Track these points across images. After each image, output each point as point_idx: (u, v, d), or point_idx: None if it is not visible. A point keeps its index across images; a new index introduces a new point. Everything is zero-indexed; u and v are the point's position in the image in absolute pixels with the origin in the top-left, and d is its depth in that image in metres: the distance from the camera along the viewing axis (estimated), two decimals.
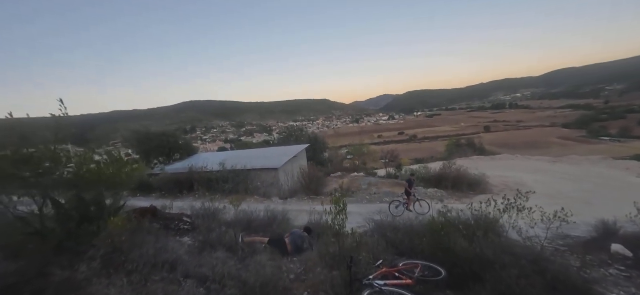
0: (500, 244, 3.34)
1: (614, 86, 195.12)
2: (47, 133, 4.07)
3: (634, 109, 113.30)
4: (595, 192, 14.16)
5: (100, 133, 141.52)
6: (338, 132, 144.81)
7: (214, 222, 6.30)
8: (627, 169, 19.40)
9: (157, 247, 4.07)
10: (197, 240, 5.31)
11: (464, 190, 14.55)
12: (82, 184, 3.94)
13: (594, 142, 77.36)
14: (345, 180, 18.87)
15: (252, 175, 14.11)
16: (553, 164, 23.06)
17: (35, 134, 4.12)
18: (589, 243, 5.85)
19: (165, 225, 5.92)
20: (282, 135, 42.99)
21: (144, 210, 5.93)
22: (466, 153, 34.48)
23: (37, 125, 4.54)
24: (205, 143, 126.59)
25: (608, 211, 7.30)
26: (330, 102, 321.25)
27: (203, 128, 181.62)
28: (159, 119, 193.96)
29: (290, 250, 5.08)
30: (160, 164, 19.42)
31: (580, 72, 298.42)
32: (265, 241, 5.28)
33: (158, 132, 22.19)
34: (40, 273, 3.49)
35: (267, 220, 6.85)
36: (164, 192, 13.82)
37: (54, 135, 3.84)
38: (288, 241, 5.24)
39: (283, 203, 12.03)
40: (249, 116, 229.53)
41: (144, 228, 4.73)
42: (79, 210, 4.00)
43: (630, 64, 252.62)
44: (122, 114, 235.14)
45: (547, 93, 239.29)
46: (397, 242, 4.04)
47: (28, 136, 3.97)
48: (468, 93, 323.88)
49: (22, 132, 3.67)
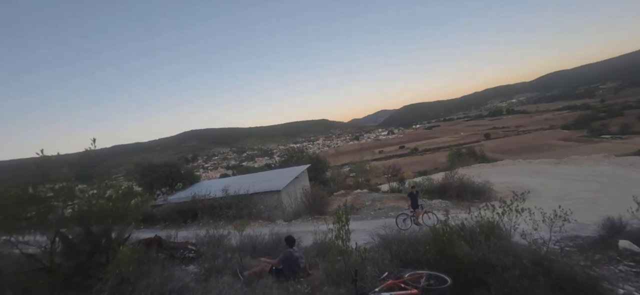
0: (502, 247, 3.36)
1: (608, 84, 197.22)
2: (66, 170, 4.24)
3: (630, 105, 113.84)
4: (602, 191, 14.04)
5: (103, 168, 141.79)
6: (339, 151, 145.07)
7: (219, 248, 6.30)
8: (630, 165, 19.29)
9: (163, 276, 4.08)
10: (202, 268, 5.31)
11: (468, 198, 14.46)
12: (92, 217, 4.04)
13: (596, 140, 77.10)
14: (349, 197, 18.79)
15: (255, 199, 14.11)
16: (556, 165, 22.97)
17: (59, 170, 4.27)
18: (597, 242, 5.79)
19: (170, 254, 5.92)
20: (283, 158, 43.12)
21: (149, 240, 5.96)
22: (468, 162, 34.37)
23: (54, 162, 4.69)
24: (207, 171, 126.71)
25: (615, 209, 7.26)
26: (329, 122, 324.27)
27: (204, 156, 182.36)
28: (161, 150, 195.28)
29: (286, 273, 5.01)
30: (162, 195, 19.43)
31: (572, 73, 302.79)
32: (266, 268, 5.20)
33: (160, 163, 22.36)
34: None
35: (272, 243, 6.84)
36: (168, 222, 13.77)
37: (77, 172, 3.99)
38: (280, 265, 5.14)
39: (287, 225, 11.96)
40: (249, 141, 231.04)
41: (150, 258, 4.75)
42: (88, 243, 4.06)
43: (622, 61, 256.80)
44: (124, 148, 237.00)
45: (542, 96, 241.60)
46: (402, 254, 4.05)
47: (49, 174, 4.12)
48: (464, 102, 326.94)
49: (44, 171, 3.82)
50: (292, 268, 5.08)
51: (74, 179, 4.31)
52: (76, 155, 4.49)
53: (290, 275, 4.98)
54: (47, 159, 4.13)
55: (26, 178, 4.21)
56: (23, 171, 4.22)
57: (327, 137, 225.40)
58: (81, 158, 3.85)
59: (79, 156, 3.85)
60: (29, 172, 4.35)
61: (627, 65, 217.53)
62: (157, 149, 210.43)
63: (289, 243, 5.44)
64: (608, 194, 13.25)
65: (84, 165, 3.89)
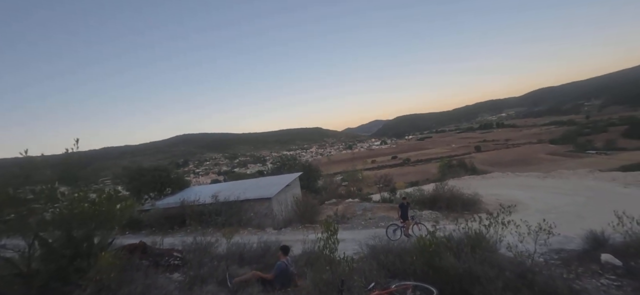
0: (487, 258, 3.40)
1: (592, 101, 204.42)
2: (49, 172, 4.11)
3: (614, 122, 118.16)
4: (586, 205, 14.39)
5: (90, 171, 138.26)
6: (332, 159, 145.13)
7: (206, 256, 6.16)
8: (613, 180, 19.89)
9: (146, 284, 3.97)
10: (187, 276, 5.17)
11: (458, 210, 14.59)
12: (74, 221, 3.91)
13: (581, 155, 79.38)
14: (340, 206, 18.74)
15: (245, 206, 13.93)
16: (543, 179, 23.48)
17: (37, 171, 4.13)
18: (580, 255, 5.91)
19: (154, 261, 5.76)
20: (275, 165, 42.89)
21: (133, 246, 5.80)
22: (458, 173, 34.90)
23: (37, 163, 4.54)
24: (197, 176, 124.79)
25: (599, 223, 7.44)
26: (323, 130, 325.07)
27: (196, 161, 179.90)
28: (152, 154, 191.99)
29: (276, 285, 4.93)
30: (150, 199, 19.01)
31: (559, 90, 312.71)
32: (256, 275, 5.10)
33: (150, 167, 21.95)
34: None
35: (260, 251, 6.73)
36: (154, 228, 13.44)
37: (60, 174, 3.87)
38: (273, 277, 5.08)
39: (277, 233, 11.82)
40: (242, 147, 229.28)
41: (133, 265, 4.62)
42: (69, 247, 3.93)
43: (605, 80, 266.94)
44: (113, 150, 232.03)
45: (530, 111, 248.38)
46: (389, 264, 4.05)
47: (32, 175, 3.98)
48: (456, 115, 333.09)
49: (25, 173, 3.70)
50: (283, 281, 5.00)
51: (57, 181, 4.19)
52: (62, 157, 4.37)
53: (279, 287, 4.90)
54: (29, 159, 4.02)
55: (6, 179, 4.08)
56: (3, 171, 4.06)
57: (320, 145, 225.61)
58: (64, 159, 3.74)
59: (62, 157, 3.74)
60: (9, 173, 4.21)
61: (611, 84, 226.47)
62: (148, 152, 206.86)
63: (284, 252, 5.37)
64: (592, 208, 13.59)
65: (68, 167, 3.78)
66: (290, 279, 5.03)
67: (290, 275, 5.04)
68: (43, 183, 3.71)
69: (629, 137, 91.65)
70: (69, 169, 3.79)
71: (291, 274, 5.07)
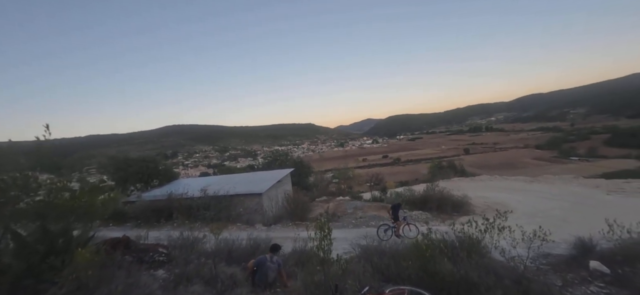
0: (484, 264, 3.34)
1: (577, 110, 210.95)
2: (21, 160, 3.81)
3: (597, 130, 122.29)
4: (571, 210, 14.72)
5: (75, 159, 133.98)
6: (323, 156, 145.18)
7: (192, 252, 5.96)
8: (596, 187, 20.46)
9: (127, 282, 3.75)
10: (172, 273, 4.97)
11: (448, 211, 14.73)
12: (50, 213, 3.64)
13: (565, 161, 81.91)
14: (331, 204, 18.67)
15: (235, 201, 13.68)
16: (530, 183, 23.97)
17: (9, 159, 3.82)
18: (568, 261, 5.98)
19: (138, 257, 5.51)
20: (266, 160, 42.51)
21: (115, 241, 5.53)
22: (448, 175, 35.38)
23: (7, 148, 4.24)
24: (186, 168, 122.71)
25: (585, 228, 7.57)
26: (316, 127, 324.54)
27: (185, 153, 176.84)
28: (140, 144, 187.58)
29: (257, 281, 4.80)
30: (137, 191, 18.49)
31: (547, 97, 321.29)
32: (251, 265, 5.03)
33: (137, 157, 21.33)
34: None
35: (249, 249, 6.57)
36: (140, 220, 13.05)
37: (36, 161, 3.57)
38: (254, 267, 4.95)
39: (267, 230, 11.65)
40: (233, 141, 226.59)
41: (115, 261, 4.38)
42: (44, 242, 3.66)
43: (590, 89, 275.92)
44: (99, 139, 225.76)
45: (518, 117, 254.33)
46: (384, 267, 3.95)
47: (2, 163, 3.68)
48: (446, 117, 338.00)
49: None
50: (261, 276, 4.88)
51: (38, 169, 3.89)
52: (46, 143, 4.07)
53: (261, 283, 4.76)
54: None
55: None
56: None
57: (312, 141, 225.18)
58: (36, 147, 3.46)
59: (34, 145, 3.45)
60: None
61: (595, 94, 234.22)
62: (136, 142, 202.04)
63: (272, 250, 5.24)
64: (577, 213, 13.91)
65: (40, 155, 3.49)
66: (266, 274, 4.87)
67: (267, 270, 4.88)
68: (15, 171, 3.42)
69: (610, 145, 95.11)
70: (41, 157, 3.49)
71: (267, 268, 4.91)
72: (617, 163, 63.01)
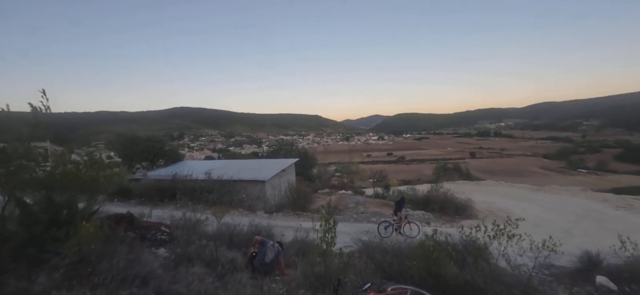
0: (490, 272, 3.26)
1: (591, 121, 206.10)
2: (24, 128, 3.78)
3: (608, 144, 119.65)
4: (577, 222, 14.46)
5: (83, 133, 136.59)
6: (328, 149, 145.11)
7: (194, 234, 5.98)
8: (604, 201, 20.05)
9: (129, 258, 3.76)
10: (173, 253, 4.99)
11: (450, 213, 14.60)
12: (55, 184, 3.63)
13: (572, 173, 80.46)
14: (333, 197, 18.67)
15: (238, 186, 13.74)
16: (536, 192, 23.62)
17: (11, 128, 3.80)
18: (573, 274, 5.85)
19: (141, 234, 5.55)
20: (271, 148, 42.62)
21: (119, 217, 5.58)
22: (452, 177, 35.05)
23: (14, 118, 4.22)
24: (192, 151, 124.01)
25: (589, 242, 7.42)
26: (322, 119, 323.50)
27: (191, 135, 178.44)
28: (147, 124, 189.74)
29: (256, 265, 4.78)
30: (142, 169, 18.71)
31: (560, 106, 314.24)
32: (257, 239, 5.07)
33: (144, 136, 21.53)
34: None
35: (250, 235, 6.57)
36: (144, 198, 13.22)
37: (31, 131, 3.54)
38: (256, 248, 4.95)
39: (268, 217, 11.69)
40: (239, 127, 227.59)
41: (117, 236, 4.41)
42: (48, 213, 3.68)
43: (606, 102, 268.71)
44: (108, 115, 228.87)
45: (529, 124, 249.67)
46: (386, 265, 3.90)
47: (4, 130, 3.65)
48: (455, 119, 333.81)
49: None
50: (260, 256, 4.88)
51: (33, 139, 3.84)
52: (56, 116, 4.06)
53: (259, 265, 4.76)
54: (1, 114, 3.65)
55: None
56: None
57: (318, 133, 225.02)
58: (33, 117, 3.42)
59: (32, 115, 3.42)
60: None
61: (611, 107, 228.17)
62: (144, 121, 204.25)
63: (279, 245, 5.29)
64: (582, 226, 13.66)
65: (36, 125, 3.44)
66: (265, 254, 4.87)
67: (266, 250, 4.90)
68: (18, 140, 3.39)
69: (621, 160, 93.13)
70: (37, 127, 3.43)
71: (267, 248, 4.92)
72: (627, 179, 61.70)
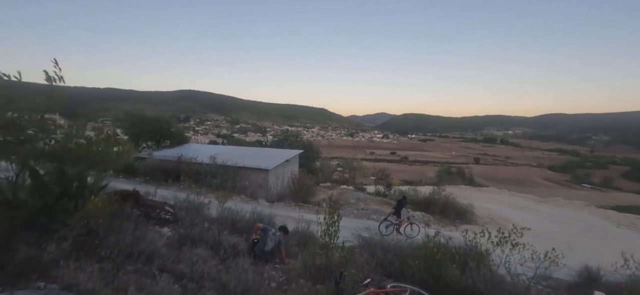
0: (491, 278, 3.27)
1: (600, 136, 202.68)
2: (38, 98, 3.83)
3: (616, 161, 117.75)
4: (578, 236, 14.38)
5: (91, 108, 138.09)
6: (331, 143, 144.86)
7: (198, 216, 6.07)
8: (607, 218, 19.89)
9: (135, 235, 3.85)
10: (177, 233, 5.08)
11: (451, 217, 14.59)
12: (67, 157, 3.70)
13: (576, 187, 79.57)
14: (335, 191, 18.74)
15: (242, 173, 13.84)
16: (538, 203, 23.46)
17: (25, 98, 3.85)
18: (572, 287, 5.85)
19: (145, 212, 5.66)
20: (276, 138, 42.67)
21: (126, 193, 5.67)
22: (455, 181, 34.90)
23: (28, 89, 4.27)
24: (197, 134, 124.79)
25: (589, 257, 7.38)
26: (328, 113, 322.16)
27: (197, 119, 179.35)
28: (154, 104, 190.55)
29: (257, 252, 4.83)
30: (148, 149, 18.92)
31: (570, 118, 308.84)
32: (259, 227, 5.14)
33: (152, 116, 21.72)
34: (3, 247, 3.23)
35: (252, 222, 6.64)
36: (148, 177, 13.41)
37: (46, 101, 3.57)
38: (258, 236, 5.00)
39: (269, 206, 11.79)
40: (244, 114, 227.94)
41: (124, 213, 4.49)
42: (60, 184, 3.76)
43: (617, 118, 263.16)
44: (116, 93, 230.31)
45: (537, 134, 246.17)
46: (386, 263, 3.93)
47: (16, 99, 3.71)
48: (463, 123, 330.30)
49: (10, 95, 3.42)
50: (261, 244, 4.93)
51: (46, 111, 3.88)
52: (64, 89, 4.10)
53: (260, 253, 4.81)
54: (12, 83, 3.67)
55: None
56: None
57: (323, 127, 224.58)
58: (49, 87, 3.44)
59: (47, 87, 3.44)
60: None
61: (622, 123, 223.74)
62: (151, 101, 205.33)
63: (280, 229, 5.35)
64: (583, 240, 13.58)
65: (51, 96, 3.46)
66: (265, 242, 4.91)
67: (266, 239, 4.94)
68: (32, 110, 3.44)
69: (628, 178, 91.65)
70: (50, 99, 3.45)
71: (268, 237, 4.96)
72: (631, 197, 60.80)
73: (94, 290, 2.79)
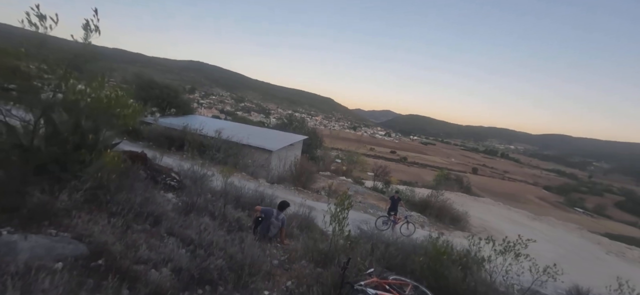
0: (490, 284, 3.33)
1: (601, 163, 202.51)
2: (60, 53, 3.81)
3: (612, 190, 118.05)
4: (566, 257, 14.55)
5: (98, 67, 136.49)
6: (333, 134, 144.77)
7: (202, 187, 6.13)
8: (598, 244, 20.09)
9: (145, 196, 3.89)
10: (181, 200, 5.13)
11: (445, 222, 14.74)
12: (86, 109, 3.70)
13: (568, 210, 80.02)
14: (334, 181, 18.86)
15: (245, 151, 13.90)
16: (532, 220, 23.64)
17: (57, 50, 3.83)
18: None
19: (152, 176, 5.70)
20: (280, 121, 42.57)
21: (135, 154, 5.70)
22: (452, 187, 35.05)
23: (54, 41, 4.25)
24: (201, 107, 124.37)
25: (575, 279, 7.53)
26: (334, 103, 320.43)
27: (203, 92, 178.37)
28: (161, 71, 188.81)
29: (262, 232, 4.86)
30: (154, 114, 18.90)
31: (574, 141, 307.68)
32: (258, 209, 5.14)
33: (161, 82, 21.58)
34: (17, 190, 3.27)
35: (255, 200, 6.72)
36: (152, 143, 13.44)
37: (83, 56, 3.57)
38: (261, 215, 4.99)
39: (270, 187, 11.88)
40: (250, 93, 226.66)
41: (134, 173, 4.53)
42: (75, 135, 3.77)
43: (618, 146, 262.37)
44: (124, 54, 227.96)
45: (538, 153, 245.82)
46: (388, 256, 4.00)
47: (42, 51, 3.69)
48: (466, 132, 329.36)
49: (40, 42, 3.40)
50: (264, 229, 4.95)
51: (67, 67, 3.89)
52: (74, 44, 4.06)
53: (262, 235, 4.86)
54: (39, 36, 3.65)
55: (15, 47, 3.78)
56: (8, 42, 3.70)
57: (327, 117, 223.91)
58: (84, 48, 3.43)
59: (82, 46, 3.43)
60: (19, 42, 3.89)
61: (624, 153, 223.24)
62: (158, 68, 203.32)
63: (280, 207, 5.30)
64: (570, 262, 13.72)
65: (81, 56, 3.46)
66: (268, 229, 4.96)
67: (269, 225, 4.96)
68: (55, 63, 3.42)
69: (621, 208, 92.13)
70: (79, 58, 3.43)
71: (271, 223, 4.97)
72: (621, 227, 61.33)
73: (106, 243, 2.84)
